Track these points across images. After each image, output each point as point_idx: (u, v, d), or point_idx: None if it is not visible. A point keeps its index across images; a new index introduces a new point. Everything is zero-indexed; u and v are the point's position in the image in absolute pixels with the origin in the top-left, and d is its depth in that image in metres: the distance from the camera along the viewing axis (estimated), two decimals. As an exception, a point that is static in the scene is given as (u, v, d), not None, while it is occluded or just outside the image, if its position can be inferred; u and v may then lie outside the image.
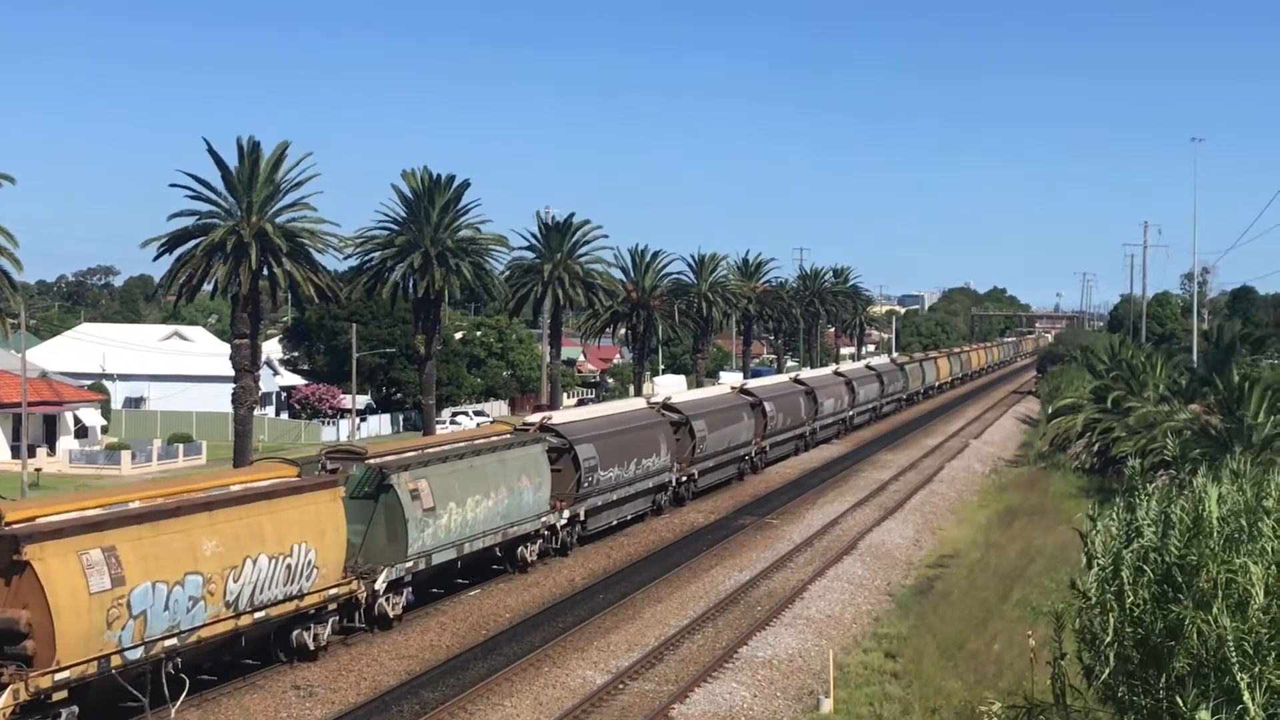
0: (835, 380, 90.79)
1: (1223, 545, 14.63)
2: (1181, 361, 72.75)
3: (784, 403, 72.85)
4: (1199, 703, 13.02)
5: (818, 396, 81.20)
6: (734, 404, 65.05)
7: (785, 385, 78.73)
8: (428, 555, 35.43)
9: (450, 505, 36.50)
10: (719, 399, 64.63)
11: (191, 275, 65.88)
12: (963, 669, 29.79)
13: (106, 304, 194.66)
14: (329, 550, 31.26)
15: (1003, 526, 52.10)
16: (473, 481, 38.09)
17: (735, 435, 62.99)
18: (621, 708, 28.04)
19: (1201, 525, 14.92)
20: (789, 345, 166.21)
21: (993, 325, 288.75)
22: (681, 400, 59.99)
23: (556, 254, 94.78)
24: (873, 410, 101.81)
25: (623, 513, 49.90)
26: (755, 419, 66.84)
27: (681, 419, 56.27)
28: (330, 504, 31.75)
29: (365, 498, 34.13)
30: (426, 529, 35.16)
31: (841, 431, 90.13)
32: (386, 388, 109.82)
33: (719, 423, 60.38)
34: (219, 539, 27.49)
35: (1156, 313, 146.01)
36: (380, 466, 34.50)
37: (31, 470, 68.65)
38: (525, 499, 40.99)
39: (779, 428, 71.56)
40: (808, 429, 79.51)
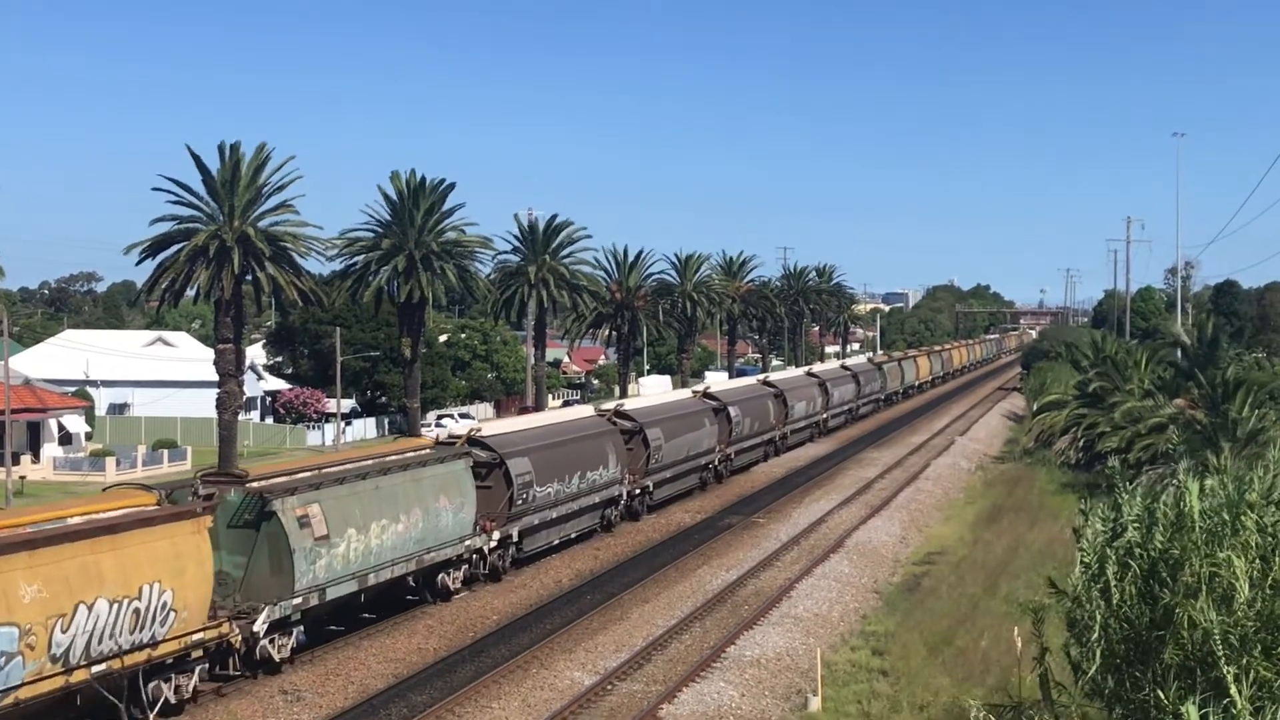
0: (807, 382, 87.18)
1: (1205, 540, 14.66)
2: (1165, 356, 72.83)
3: (751, 407, 69.76)
4: (1185, 696, 13.03)
5: (788, 399, 77.94)
6: (694, 410, 61.65)
7: (752, 388, 75.22)
8: (320, 590, 31.50)
9: (349, 532, 32.71)
10: (677, 404, 61.62)
11: (174, 280, 65.83)
12: (950, 665, 29.81)
13: (89, 310, 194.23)
14: (190, 590, 27.27)
15: (989, 523, 52.19)
16: (378, 504, 34.20)
17: (696, 443, 59.67)
18: (610, 708, 28.01)
19: (1184, 520, 14.95)
20: (774, 344, 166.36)
21: (977, 322, 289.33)
22: (635, 407, 56.49)
23: (540, 256, 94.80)
24: (848, 412, 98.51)
25: (565, 531, 46.27)
26: (719, 425, 63.74)
27: (634, 427, 53.14)
28: (193, 536, 27.67)
29: (245, 526, 30.43)
30: (318, 560, 31.33)
31: (815, 435, 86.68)
32: (371, 391, 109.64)
33: (677, 430, 57.15)
34: (42, 582, 23.66)
35: (1140, 307, 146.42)
36: (261, 491, 30.64)
37: (16, 478, 68.39)
38: (444, 521, 37.19)
39: (745, 433, 68.42)
40: (777, 434, 76.23)
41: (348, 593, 32.88)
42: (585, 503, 47.45)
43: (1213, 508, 15.15)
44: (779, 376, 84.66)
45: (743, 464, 68.85)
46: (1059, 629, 20.08)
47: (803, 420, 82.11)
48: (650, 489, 54.04)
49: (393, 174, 79.86)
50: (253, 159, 66.22)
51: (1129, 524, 15.48)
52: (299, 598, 30.64)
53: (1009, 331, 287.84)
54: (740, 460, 68.26)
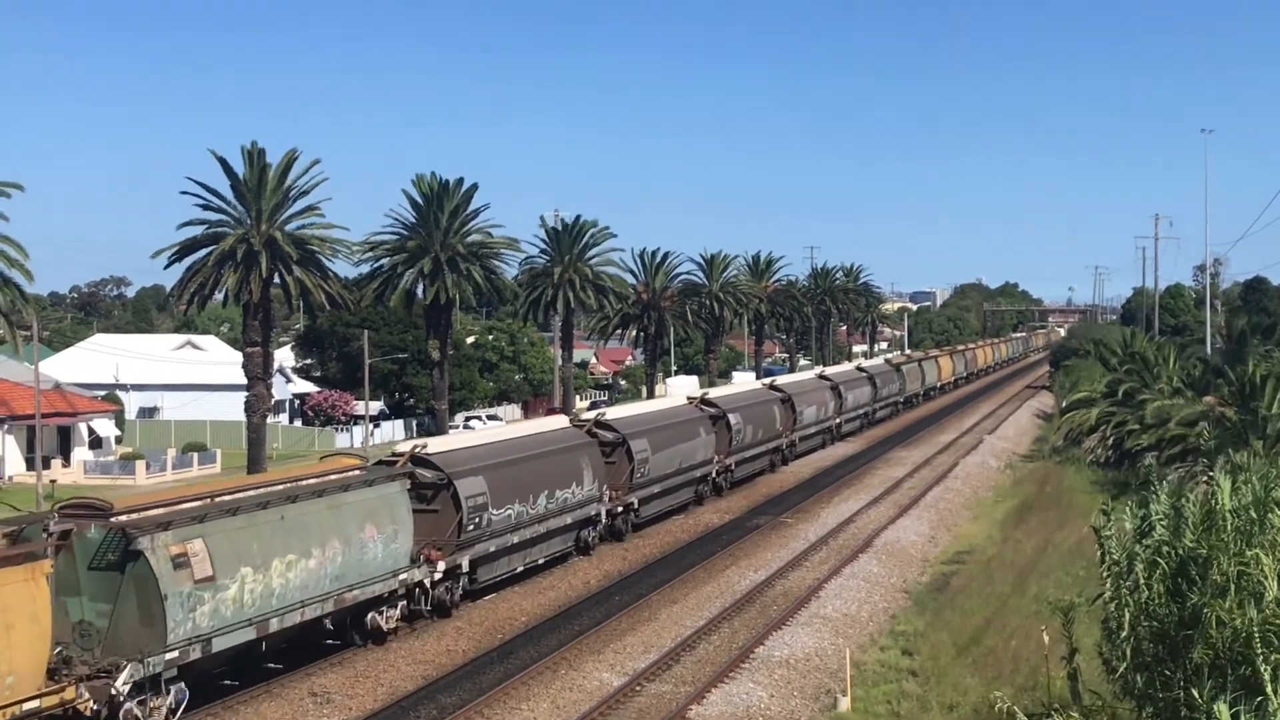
0: (818, 385, 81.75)
1: (1234, 538, 14.61)
2: (1194, 353, 72.52)
3: (754, 413, 64.85)
4: (1216, 695, 12.99)
5: (796, 404, 73.01)
6: (687, 418, 56.76)
7: (757, 393, 70.17)
8: (205, 640, 26.86)
9: (243, 572, 27.96)
10: (668, 413, 56.48)
11: (203, 284, 66.08)
12: (980, 665, 29.75)
13: (119, 314, 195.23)
14: (19, 650, 23.40)
15: (1018, 522, 52.02)
16: (283, 537, 29.51)
17: (690, 454, 54.77)
18: (639, 709, 28.01)
19: (1214, 519, 14.90)
20: (801, 344, 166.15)
21: (1005, 320, 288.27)
22: (620, 416, 51.75)
23: (566, 256, 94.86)
24: (864, 417, 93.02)
25: (531, 557, 41.50)
26: (718, 434, 59.12)
27: (617, 439, 48.60)
28: (23, 586, 23.62)
29: (109, 568, 25.88)
30: (200, 606, 26.63)
31: (827, 441, 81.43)
32: (399, 393, 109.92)
33: (667, 441, 52.39)
34: None
35: (1169, 305, 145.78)
36: (124, 527, 25.96)
37: (46, 482, 68.80)
38: (371, 554, 32.31)
39: (747, 442, 63.43)
40: (784, 441, 70.81)
41: (242, 642, 28.19)
42: (555, 524, 42.30)
43: (1242, 505, 15.10)
44: (786, 380, 79.46)
45: (745, 474, 64.19)
46: (1088, 628, 20.03)
47: (813, 426, 77.31)
48: (635, 505, 49.16)
49: (416, 176, 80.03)
50: (279, 163, 66.45)
51: (1156, 522, 15.44)
52: (174, 651, 26.01)
53: (1036, 329, 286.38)
54: (742, 471, 63.39)
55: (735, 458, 61.70)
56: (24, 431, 77.39)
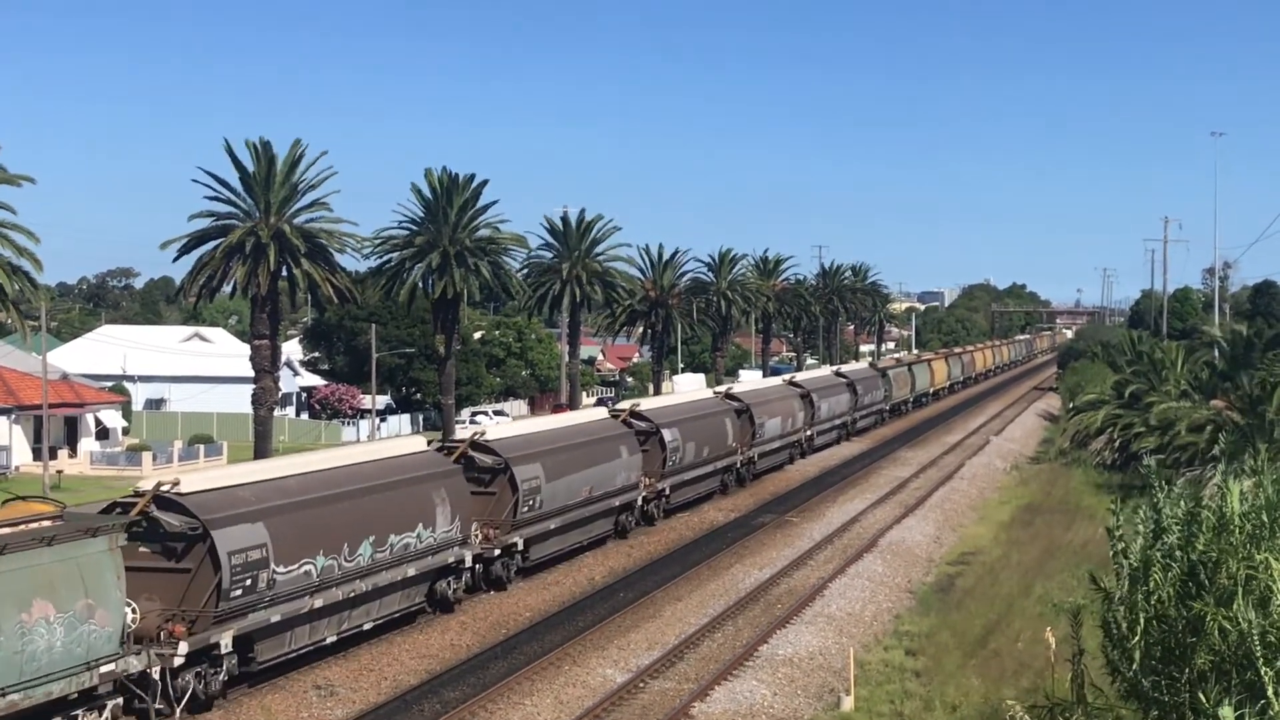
0: (786, 393, 71.91)
1: (1244, 542, 14.60)
2: (1202, 357, 72.39)
3: (697, 429, 55.11)
4: (1221, 699, 12.97)
5: (756, 416, 63.34)
6: (604, 436, 47.48)
7: (706, 404, 60.25)
8: None
9: None
10: (578, 430, 46.73)
11: (211, 276, 66.10)
12: (984, 666, 29.72)
13: (127, 305, 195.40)
14: None
15: (1024, 523, 52.01)
16: None
17: (607, 479, 45.92)
18: (642, 706, 28.03)
19: (1225, 523, 14.89)
20: (808, 343, 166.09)
21: (1013, 321, 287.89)
22: (503, 438, 41.81)
23: (574, 252, 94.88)
24: (841, 427, 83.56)
25: (350, 622, 31.97)
26: (650, 452, 50.47)
27: (498, 464, 39.72)
28: None
29: None
30: None
31: (795, 456, 72.08)
32: (406, 388, 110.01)
33: (572, 465, 43.35)
34: None
35: (1177, 308, 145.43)
36: None
37: (53, 472, 68.89)
38: (38, 644, 22.86)
39: (687, 462, 53.74)
40: (740, 458, 61.24)
41: None
42: (379, 581, 32.49)
43: (1253, 509, 15.09)
44: (747, 388, 69.68)
45: (684, 501, 54.50)
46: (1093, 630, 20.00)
47: (777, 440, 67.81)
48: (520, 547, 39.80)
49: (426, 171, 79.98)
50: (287, 156, 66.47)
51: (1169, 527, 15.43)
52: None
53: (1042, 331, 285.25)
54: (681, 497, 53.94)
55: (671, 481, 52.09)
56: (31, 422, 77.47)
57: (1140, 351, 76.65)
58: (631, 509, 48.74)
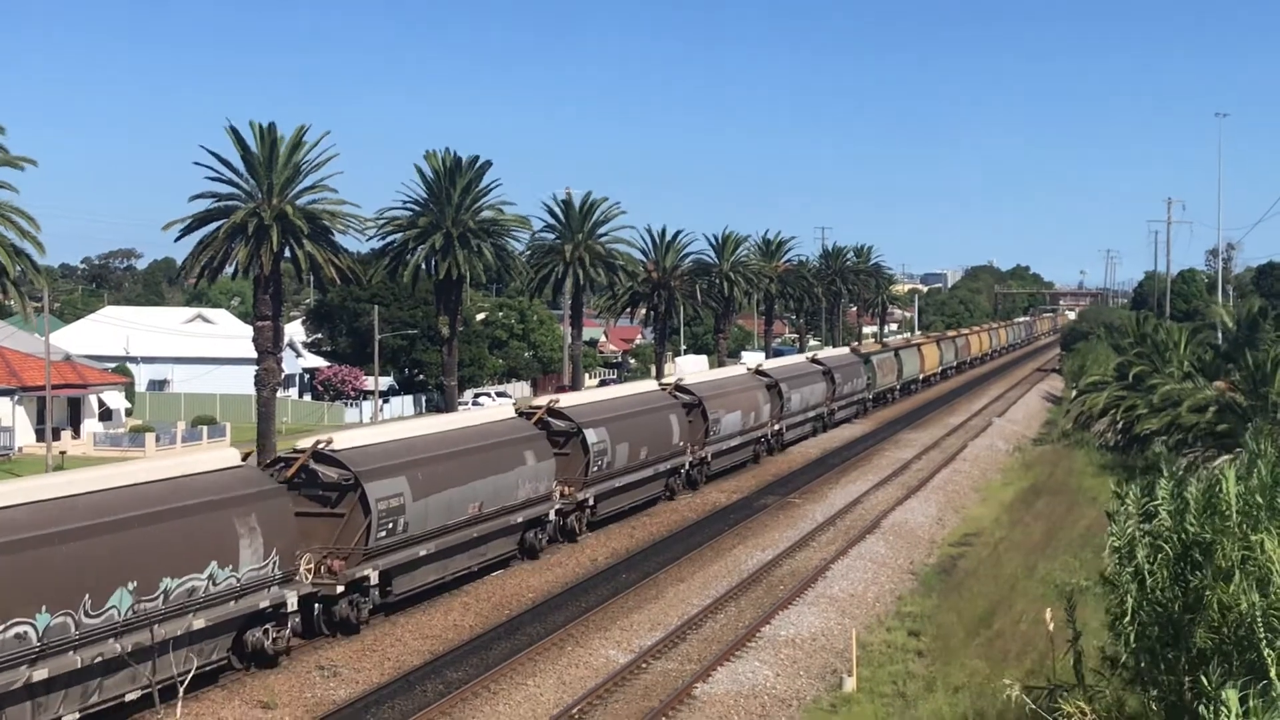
0: (749, 384, 64.20)
1: (1239, 523, 14.59)
2: (1206, 338, 72.26)
3: (632, 427, 48.10)
4: (1224, 681, 12.97)
5: (710, 410, 56.42)
6: (505, 439, 39.97)
7: (646, 398, 52.72)
8: None
9: None
10: (469, 433, 38.98)
11: (213, 257, 65.97)
12: (987, 647, 29.73)
13: (130, 287, 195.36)
14: None
15: (1026, 505, 52.01)
16: None
17: (505, 490, 38.62)
18: (645, 686, 28.09)
19: (1217, 505, 14.88)
20: (811, 325, 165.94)
21: (1016, 303, 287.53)
22: (357, 446, 33.68)
23: (577, 234, 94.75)
24: (817, 420, 76.49)
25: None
26: (571, 456, 44.00)
27: (345, 479, 32.25)
28: None
29: None
30: None
31: (760, 454, 64.76)
32: (409, 369, 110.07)
33: (452, 477, 35.97)
34: None
35: (1181, 289, 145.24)
36: None
37: (56, 453, 68.97)
38: None
39: (618, 467, 46.41)
40: (689, 459, 53.94)
41: None
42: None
43: (1249, 489, 15.08)
44: (700, 379, 62.25)
45: (613, 511, 47.18)
46: (1095, 611, 20.01)
47: (737, 438, 60.36)
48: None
49: (428, 153, 79.69)
50: (291, 137, 66.31)
51: (1161, 507, 15.43)
52: None
53: (1043, 313, 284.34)
54: (610, 506, 46.73)
55: (597, 489, 45.26)
56: (34, 403, 77.57)
57: (1143, 333, 76.53)
58: (543, 525, 41.35)
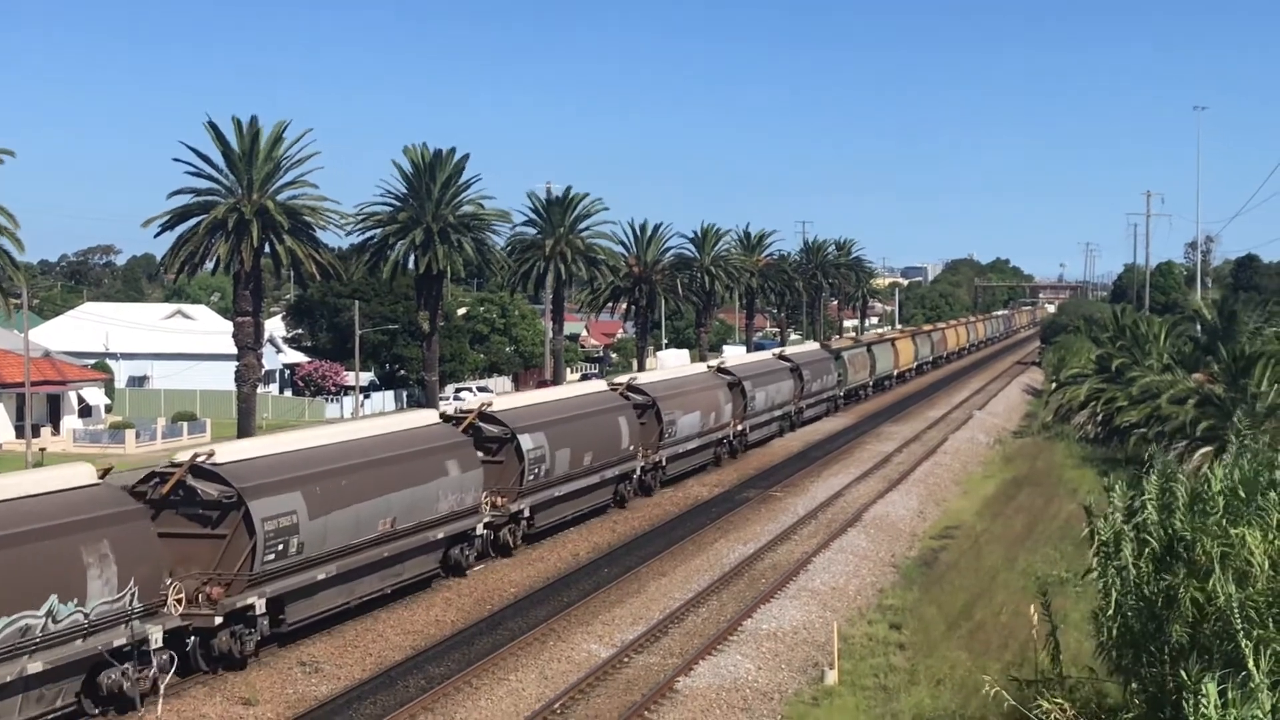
0: (709, 382, 59.76)
1: (1219, 519, 14.65)
2: (1185, 330, 72.58)
3: (575, 431, 44.24)
4: (1204, 673, 13.02)
5: (666, 411, 52.27)
6: (430, 446, 36.11)
7: (592, 399, 48.57)
8: None
9: None
10: (382, 442, 34.63)
11: (193, 253, 65.86)
12: (968, 640, 29.84)
13: (109, 283, 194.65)
14: None
15: (1007, 497, 52.15)
16: None
17: (424, 503, 34.50)
18: (627, 680, 28.09)
19: (1204, 502, 14.94)
20: (792, 318, 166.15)
21: (996, 296, 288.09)
22: (244, 459, 29.55)
23: (558, 229, 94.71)
24: (784, 419, 72.40)
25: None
26: (507, 465, 40.16)
27: (228, 497, 28.25)
28: None
29: None
30: None
31: (721, 457, 60.83)
32: (390, 364, 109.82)
33: (358, 491, 31.89)
34: None
35: (1160, 282, 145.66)
36: None
37: (36, 450, 68.69)
38: None
39: (557, 475, 42.66)
40: (640, 464, 50.08)
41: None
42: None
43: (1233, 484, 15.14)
44: (656, 378, 58.00)
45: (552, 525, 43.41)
46: (1076, 603, 20.08)
47: (695, 440, 56.19)
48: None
49: (407, 147, 79.64)
50: (271, 132, 66.22)
51: (1147, 503, 15.49)
52: None
53: (1022, 306, 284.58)
54: (550, 517, 43.01)
55: (535, 498, 41.25)
56: (13, 400, 77.25)
57: (1123, 326, 76.82)
58: (469, 540, 37.71)
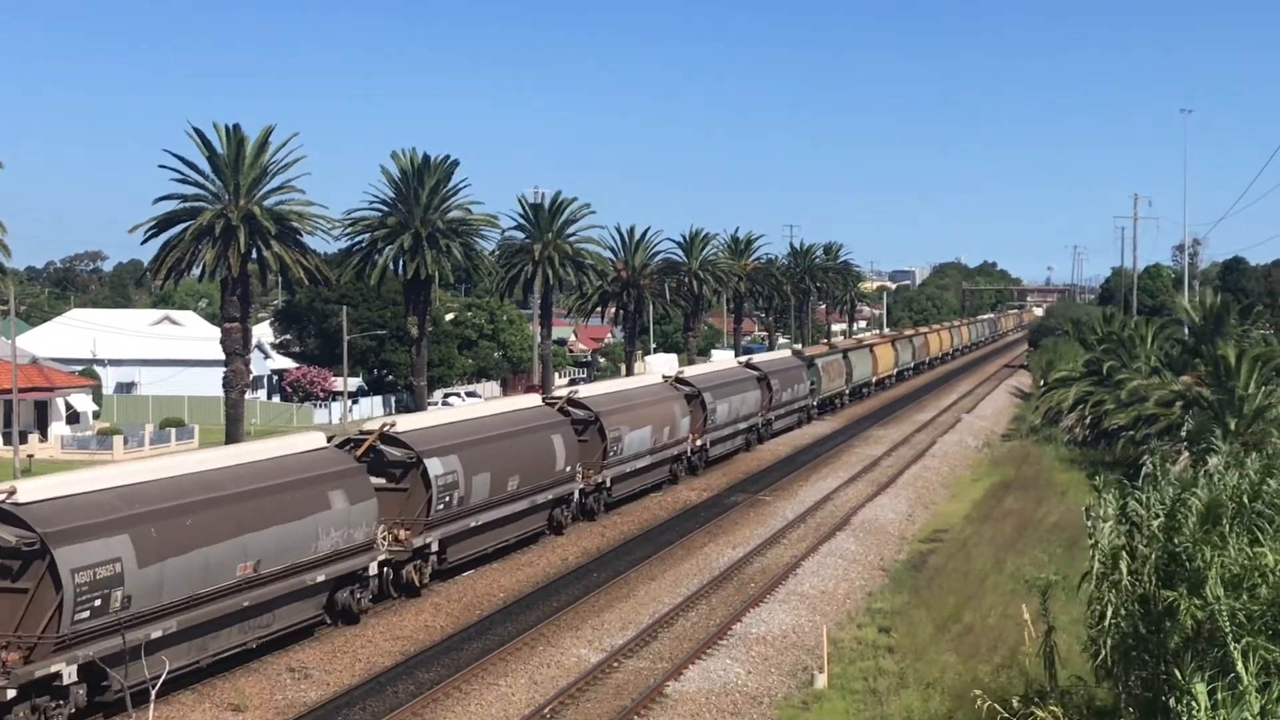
0: (663, 395, 55.23)
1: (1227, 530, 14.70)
2: (1172, 333, 72.71)
3: (497, 454, 39.33)
4: (1193, 676, 13.05)
5: (610, 427, 47.84)
6: (309, 475, 31.46)
7: (521, 415, 43.60)
8: None
9: None
10: (260, 469, 30.31)
11: (180, 259, 65.64)
12: (958, 642, 29.85)
13: (96, 289, 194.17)
14: None
15: (996, 500, 52.19)
16: None
17: (298, 543, 29.92)
18: (616, 685, 28.06)
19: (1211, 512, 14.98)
20: (780, 322, 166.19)
21: (984, 300, 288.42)
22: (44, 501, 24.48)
23: (546, 234, 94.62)
24: (750, 431, 67.79)
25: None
26: (413, 493, 35.49)
27: (28, 544, 23.60)
28: None
29: None
30: None
31: (679, 475, 56.74)
32: (378, 370, 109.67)
33: (228, 527, 27.74)
34: None
35: (1148, 285, 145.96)
36: None
37: (23, 456, 68.50)
38: None
39: (476, 501, 37.85)
40: (579, 486, 45.53)
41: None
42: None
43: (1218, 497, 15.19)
44: (600, 390, 52.96)
45: (469, 558, 38.55)
46: (1065, 605, 20.09)
47: (646, 457, 51.67)
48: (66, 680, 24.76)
49: (394, 152, 79.51)
50: (258, 137, 66.04)
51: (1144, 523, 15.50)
52: None
53: (1009, 310, 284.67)
54: (457, 555, 37.63)
55: (442, 532, 36.35)
56: (0, 406, 77.01)
57: (1111, 329, 76.94)
58: (362, 581, 33.01)
